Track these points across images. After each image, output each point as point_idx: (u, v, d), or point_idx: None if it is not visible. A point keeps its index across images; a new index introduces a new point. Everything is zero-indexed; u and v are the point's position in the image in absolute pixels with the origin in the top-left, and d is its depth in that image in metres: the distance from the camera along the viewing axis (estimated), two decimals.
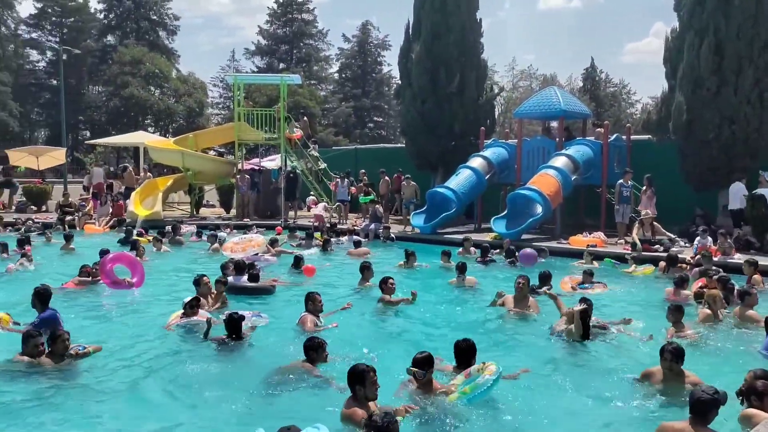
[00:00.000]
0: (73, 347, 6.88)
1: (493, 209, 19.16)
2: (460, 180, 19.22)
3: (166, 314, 8.87)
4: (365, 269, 11.41)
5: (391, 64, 71.30)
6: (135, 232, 17.46)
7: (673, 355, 6.12)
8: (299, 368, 6.54)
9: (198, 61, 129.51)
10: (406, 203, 20.51)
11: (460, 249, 15.21)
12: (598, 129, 19.72)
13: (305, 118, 26.42)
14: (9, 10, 60.74)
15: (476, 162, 19.69)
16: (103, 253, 12.34)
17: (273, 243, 15.49)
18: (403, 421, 4.86)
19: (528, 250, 13.97)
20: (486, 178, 19.42)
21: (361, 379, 5.11)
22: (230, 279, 11.36)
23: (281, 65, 68.56)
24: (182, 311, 8.52)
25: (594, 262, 13.88)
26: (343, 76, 72.81)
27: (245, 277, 11.21)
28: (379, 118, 73.64)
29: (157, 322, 8.72)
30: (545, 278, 10.71)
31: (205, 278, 9.78)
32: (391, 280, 10.00)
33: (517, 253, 13.95)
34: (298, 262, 13.02)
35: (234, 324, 7.68)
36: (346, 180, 22.49)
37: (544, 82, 53.79)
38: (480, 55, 23.43)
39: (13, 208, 24.84)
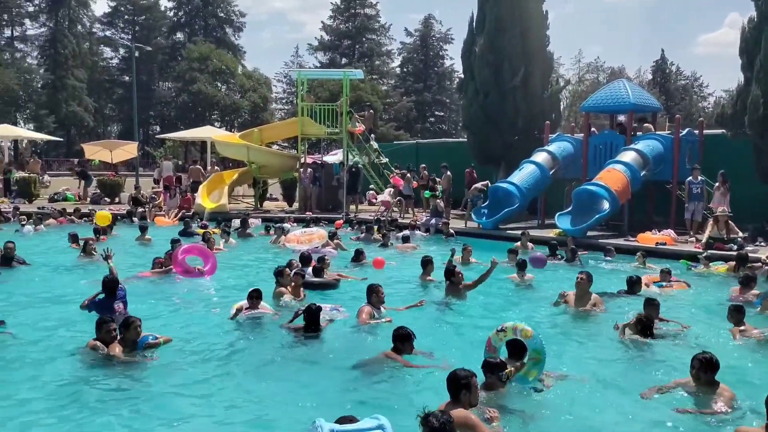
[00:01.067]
0: (148, 337, 6.99)
1: (557, 205, 18.79)
2: (523, 175, 18.91)
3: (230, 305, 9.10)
4: (427, 263, 11.36)
5: (453, 57, 70.91)
6: (196, 225, 17.92)
7: (702, 364, 5.81)
8: (384, 358, 6.66)
9: (263, 57, 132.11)
10: (473, 199, 20.36)
11: (517, 243, 15.00)
12: (646, 125, 19.06)
13: (371, 111, 26.53)
14: (85, 9, 63.31)
15: (540, 157, 19.33)
16: (175, 242, 12.77)
17: (333, 237, 15.59)
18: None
19: (538, 254, 13.46)
20: (550, 173, 19.05)
21: (467, 385, 5.02)
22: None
23: (343, 60, 69.11)
24: (246, 302, 8.70)
25: (649, 263, 13.26)
26: (405, 70, 72.79)
27: (309, 270, 11.35)
28: (440, 112, 73.31)
29: (224, 314, 8.89)
30: (633, 283, 10.24)
31: (287, 270, 9.94)
32: (460, 273, 9.95)
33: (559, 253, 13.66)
34: (358, 255, 13.10)
35: (313, 315, 7.83)
36: (407, 174, 22.50)
37: (612, 74, 52.44)
38: (545, 47, 23.01)
39: (88, 199, 25.92)
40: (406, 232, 17.14)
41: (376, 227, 17.58)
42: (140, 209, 21.76)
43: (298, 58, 74.59)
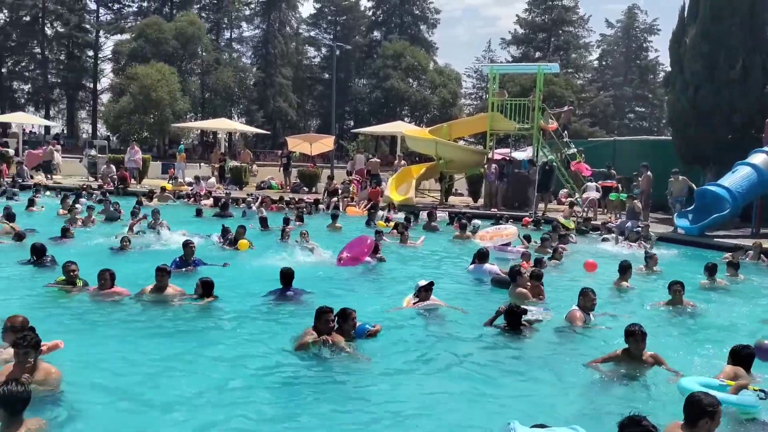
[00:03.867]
0: (365, 326, 7.04)
1: None
2: (736, 178, 16.94)
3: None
4: (627, 269, 10.76)
5: (658, 49, 66.05)
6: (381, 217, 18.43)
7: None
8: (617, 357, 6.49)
9: (454, 52, 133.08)
10: (674, 200, 18.73)
11: (749, 253, 13.65)
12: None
13: (571, 107, 25.47)
14: (293, 11, 68.06)
15: (759, 158, 17.18)
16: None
17: (528, 238, 15.06)
18: None
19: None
20: None
21: (711, 414, 4.50)
22: (471, 267, 11.39)
23: (537, 54, 67.32)
24: (415, 295, 8.67)
25: None
26: (604, 63, 69.20)
27: (486, 266, 11.13)
28: (641, 107, 68.70)
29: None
30: None
31: (520, 270, 9.87)
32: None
33: None
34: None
35: (515, 316, 7.69)
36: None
37: None
38: None
39: (288, 188, 27.80)
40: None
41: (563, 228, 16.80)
42: (333, 199, 22.86)
43: (489, 52, 74.12)
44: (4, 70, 60.18)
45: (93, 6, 63.04)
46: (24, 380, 4.89)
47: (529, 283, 9.51)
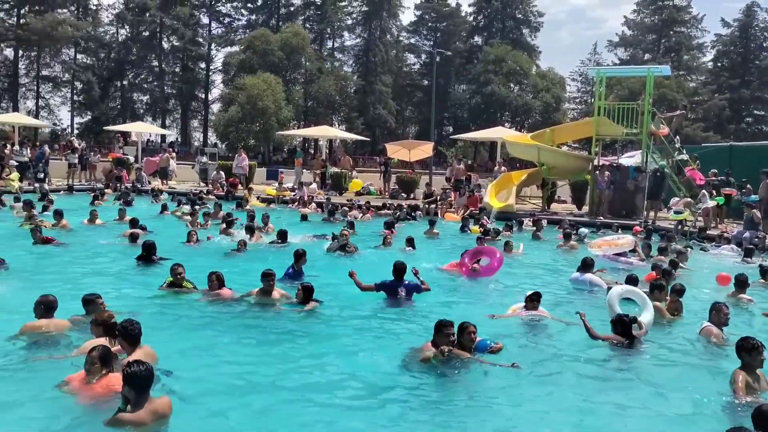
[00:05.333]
0: (488, 342, 6.83)
1: None
2: None
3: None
4: (743, 283, 10.07)
5: None
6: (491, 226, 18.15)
7: None
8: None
9: (558, 56, 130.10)
10: None
11: None
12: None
13: (683, 111, 24.22)
14: (394, 19, 68.81)
15: None
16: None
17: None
18: None
19: None
20: None
21: None
22: (574, 276, 11.06)
23: (646, 56, 64.56)
24: (523, 304, 8.51)
25: None
26: (719, 65, 65.28)
27: (589, 275, 10.75)
28: (760, 111, 64.24)
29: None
30: None
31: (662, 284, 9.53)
32: None
33: None
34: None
35: (625, 325, 7.38)
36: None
37: None
38: None
39: (387, 194, 28.03)
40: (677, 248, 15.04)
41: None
42: (431, 206, 22.84)
43: (595, 55, 71.87)
44: (125, 82, 64.54)
45: (205, 20, 66.58)
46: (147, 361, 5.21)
47: (668, 298, 9.03)
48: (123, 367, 4.96)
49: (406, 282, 9.40)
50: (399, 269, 9.36)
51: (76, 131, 60.41)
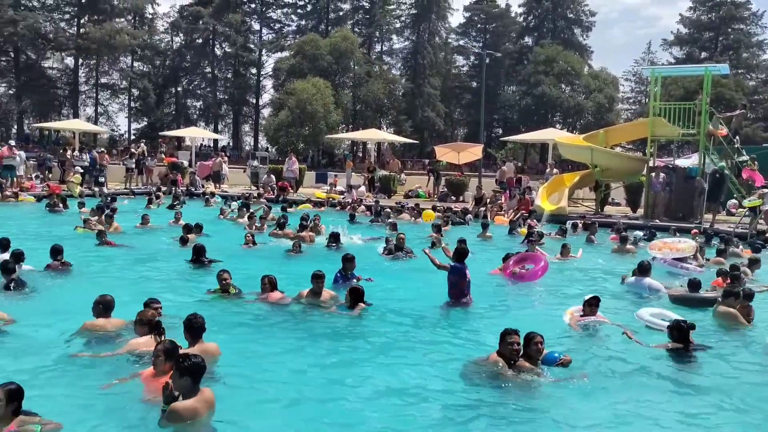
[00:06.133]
0: (555, 355, 6.59)
1: None
2: None
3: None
4: None
5: None
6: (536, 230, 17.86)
7: None
8: None
9: (610, 55, 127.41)
10: None
11: None
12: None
13: (743, 110, 23.40)
14: (443, 21, 68.57)
15: None
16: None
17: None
18: None
19: None
20: None
21: None
22: (631, 279, 10.80)
23: (703, 54, 62.65)
24: (580, 307, 8.33)
25: None
26: None
27: (647, 280, 10.43)
28: None
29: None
30: None
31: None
32: None
33: None
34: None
35: (682, 331, 7.17)
36: None
37: None
38: None
39: (436, 197, 27.92)
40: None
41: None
42: (481, 208, 22.62)
43: (650, 54, 70.11)
44: (179, 88, 66.16)
45: (256, 27, 67.59)
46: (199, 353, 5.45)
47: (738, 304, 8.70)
48: (177, 359, 5.13)
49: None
50: (462, 252, 9.44)
51: (133, 137, 62.22)
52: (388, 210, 20.87)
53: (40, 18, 56.12)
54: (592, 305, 8.23)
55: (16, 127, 60.45)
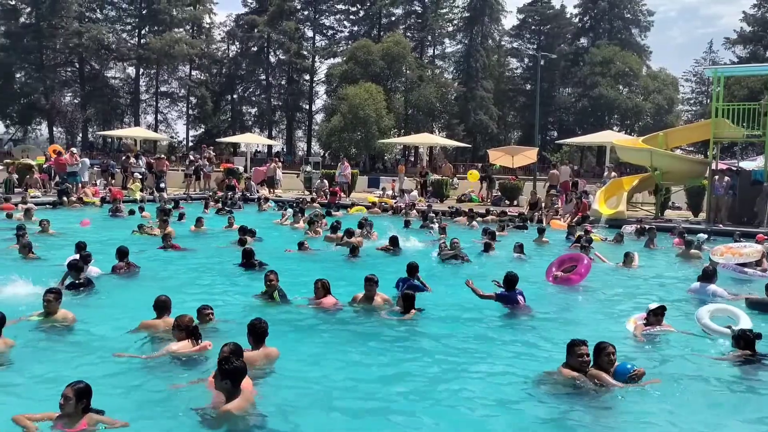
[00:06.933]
0: (628, 366, 6.26)
1: None
2: None
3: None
4: None
5: None
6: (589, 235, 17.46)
7: None
8: None
9: (670, 55, 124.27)
10: None
11: None
12: None
13: None
14: (496, 24, 68.03)
15: None
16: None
17: None
18: None
19: None
20: None
21: None
22: (695, 286, 10.43)
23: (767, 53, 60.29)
24: (645, 317, 8.08)
25: None
26: None
27: (711, 286, 10.05)
28: None
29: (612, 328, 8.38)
30: None
31: None
32: None
33: None
34: None
35: (748, 340, 6.92)
36: None
37: None
38: None
39: (489, 201, 27.63)
40: None
41: None
42: (537, 213, 22.28)
43: (711, 54, 67.82)
44: (235, 96, 67.63)
45: (310, 34, 68.55)
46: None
47: None
48: (220, 363, 5.30)
49: (518, 290, 9.22)
50: (511, 280, 9.23)
51: (191, 143, 63.88)
52: (432, 215, 20.79)
53: (103, 29, 58.50)
54: (657, 315, 7.96)
55: (81, 134, 62.93)
